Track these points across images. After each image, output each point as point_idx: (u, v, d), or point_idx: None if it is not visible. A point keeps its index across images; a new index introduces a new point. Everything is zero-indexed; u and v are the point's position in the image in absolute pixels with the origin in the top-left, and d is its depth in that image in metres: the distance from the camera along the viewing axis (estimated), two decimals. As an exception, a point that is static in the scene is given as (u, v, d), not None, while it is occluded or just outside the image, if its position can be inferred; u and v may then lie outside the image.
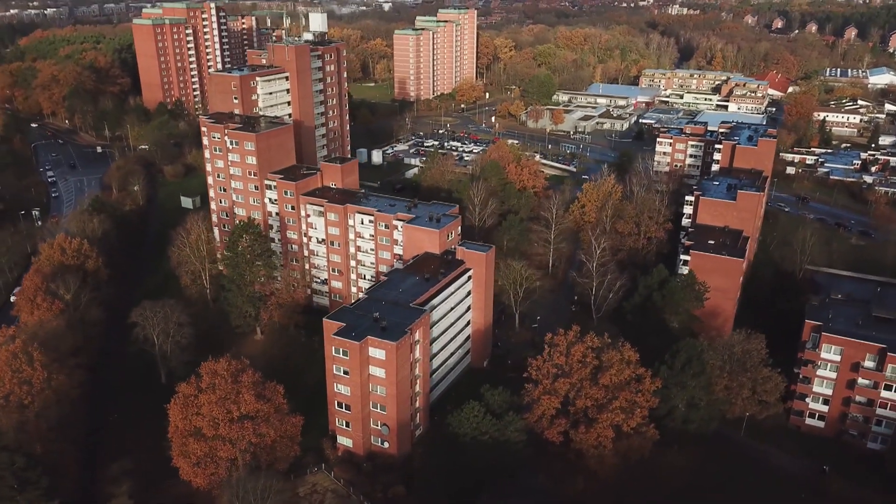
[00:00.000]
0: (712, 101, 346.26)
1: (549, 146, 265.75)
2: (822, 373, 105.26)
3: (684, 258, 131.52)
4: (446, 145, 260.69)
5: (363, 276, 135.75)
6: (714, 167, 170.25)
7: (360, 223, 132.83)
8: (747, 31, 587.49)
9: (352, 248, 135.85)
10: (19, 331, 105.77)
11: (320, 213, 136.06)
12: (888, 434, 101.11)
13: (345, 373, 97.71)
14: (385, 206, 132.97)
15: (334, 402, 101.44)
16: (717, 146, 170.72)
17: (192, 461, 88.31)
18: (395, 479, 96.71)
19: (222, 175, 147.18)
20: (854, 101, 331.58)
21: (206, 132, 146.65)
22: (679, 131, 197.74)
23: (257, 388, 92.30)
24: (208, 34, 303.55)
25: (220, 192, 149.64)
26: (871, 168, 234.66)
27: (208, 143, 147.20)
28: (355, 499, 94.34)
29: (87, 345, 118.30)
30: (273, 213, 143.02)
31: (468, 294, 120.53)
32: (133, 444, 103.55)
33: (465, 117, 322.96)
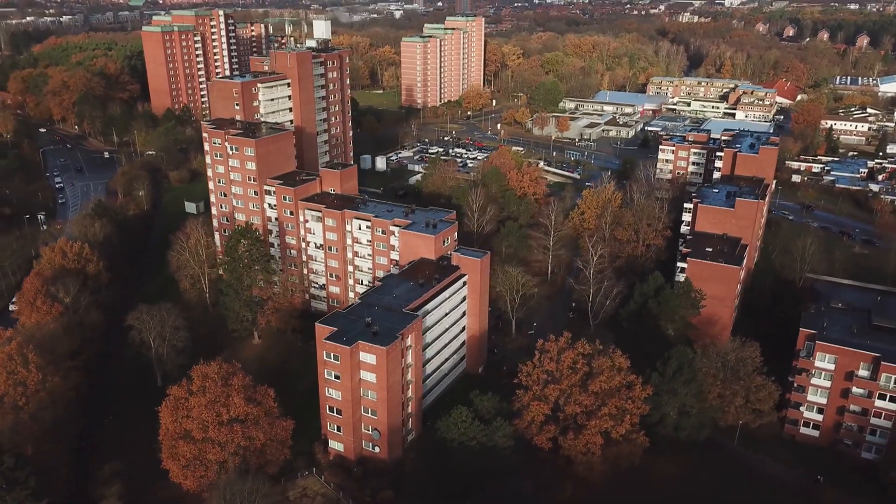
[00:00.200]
0: (719, 108, 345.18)
1: (553, 153, 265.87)
2: (816, 381, 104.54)
3: (681, 265, 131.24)
4: (451, 152, 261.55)
5: (360, 281, 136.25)
6: (716, 175, 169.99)
7: (358, 228, 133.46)
8: (757, 38, 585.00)
9: (349, 254, 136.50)
10: (15, 333, 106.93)
11: (318, 218, 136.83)
12: (882, 444, 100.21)
13: (336, 377, 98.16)
14: (382, 212, 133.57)
15: (326, 407, 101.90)
16: (719, 154, 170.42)
17: (181, 463, 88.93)
18: (384, 484, 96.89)
19: (223, 180, 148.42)
20: (863, 110, 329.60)
21: (208, 138, 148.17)
22: (682, 139, 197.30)
23: (247, 391, 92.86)
24: (216, 41, 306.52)
25: (221, 197, 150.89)
26: (878, 177, 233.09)
27: (209, 149, 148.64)
28: (344, 503, 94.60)
29: (84, 347, 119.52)
30: (272, 219, 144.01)
31: (463, 300, 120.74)
32: (126, 447, 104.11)
33: (471, 124, 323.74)
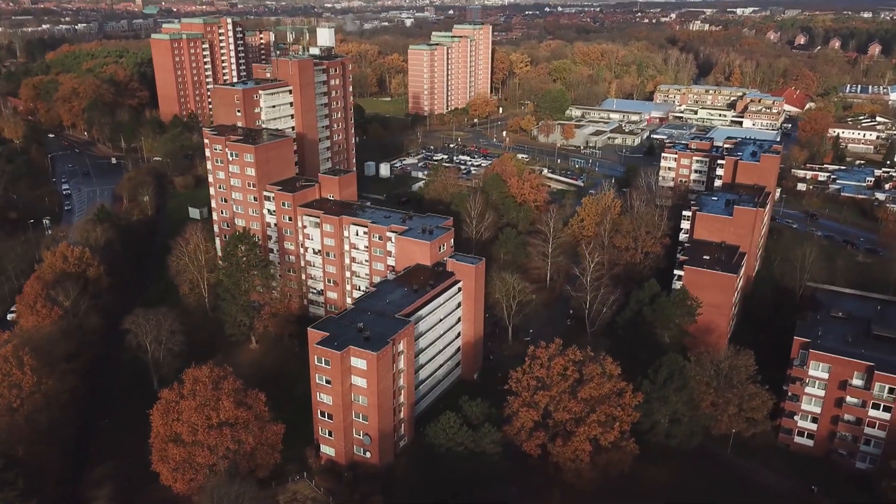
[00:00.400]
0: (727, 116, 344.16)
1: (558, 161, 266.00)
2: (810, 390, 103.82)
3: (678, 273, 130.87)
4: (455, 159, 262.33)
5: (357, 286, 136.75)
6: (717, 183, 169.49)
7: (355, 234, 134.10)
8: (767, 47, 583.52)
9: (347, 259, 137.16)
10: (12, 335, 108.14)
11: (316, 224, 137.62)
12: (876, 454, 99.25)
13: (327, 382, 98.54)
14: (379, 218, 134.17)
15: (318, 411, 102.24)
16: (720, 162, 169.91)
17: (170, 466, 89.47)
18: (374, 489, 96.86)
19: (223, 186, 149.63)
20: (872, 118, 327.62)
21: (208, 144, 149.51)
22: (684, 146, 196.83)
23: (238, 395, 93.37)
24: (224, 49, 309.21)
25: (222, 202, 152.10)
26: (885, 185, 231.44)
27: (210, 155, 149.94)
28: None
29: (82, 351, 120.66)
30: (271, 224, 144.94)
31: (458, 306, 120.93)
32: (120, 449, 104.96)
33: (476, 132, 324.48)
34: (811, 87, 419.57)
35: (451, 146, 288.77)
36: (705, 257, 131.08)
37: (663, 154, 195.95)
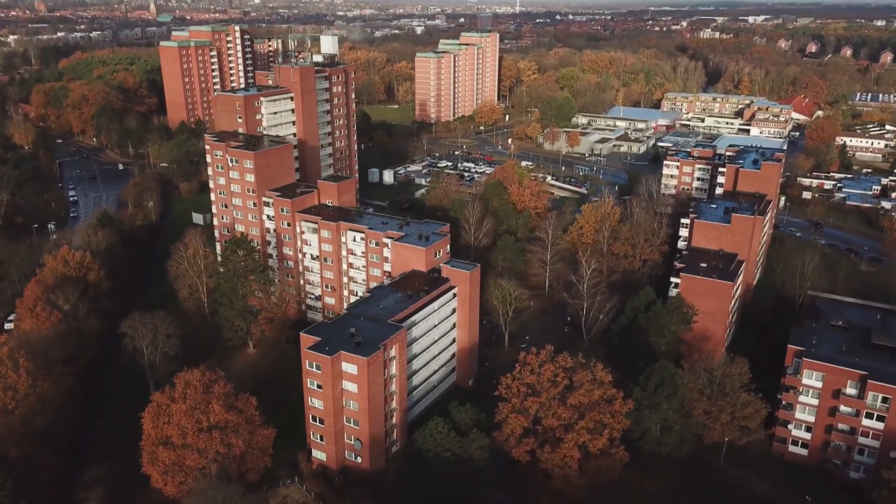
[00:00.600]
0: (734, 124, 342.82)
1: (562, 168, 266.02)
2: (804, 399, 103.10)
3: (675, 281, 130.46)
4: (460, 166, 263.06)
5: (355, 292, 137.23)
6: (718, 190, 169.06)
7: (353, 240, 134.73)
8: (778, 55, 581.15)
9: (344, 265, 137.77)
10: (9, 338, 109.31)
11: (314, 229, 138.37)
12: (870, 464, 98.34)
13: (318, 386, 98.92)
14: (377, 224, 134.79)
15: (309, 416, 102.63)
16: (722, 169, 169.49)
17: (160, 469, 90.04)
18: (364, 494, 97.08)
19: (224, 192, 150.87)
20: (881, 126, 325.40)
21: (209, 150, 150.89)
22: (687, 154, 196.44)
23: (228, 399, 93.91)
24: (232, 56, 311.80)
25: (223, 208, 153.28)
26: (892, 194, 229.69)
27: (211, 161, 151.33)
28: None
29: (80, 354, 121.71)
30: (270, 230, 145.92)
31: (453, 312, 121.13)
32: (114, 452, 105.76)
33: (482, 139, 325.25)
34: (821, 96, 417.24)
35: (456, 153, 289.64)
36: (702, 265, 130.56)
37: (665, 162, 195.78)
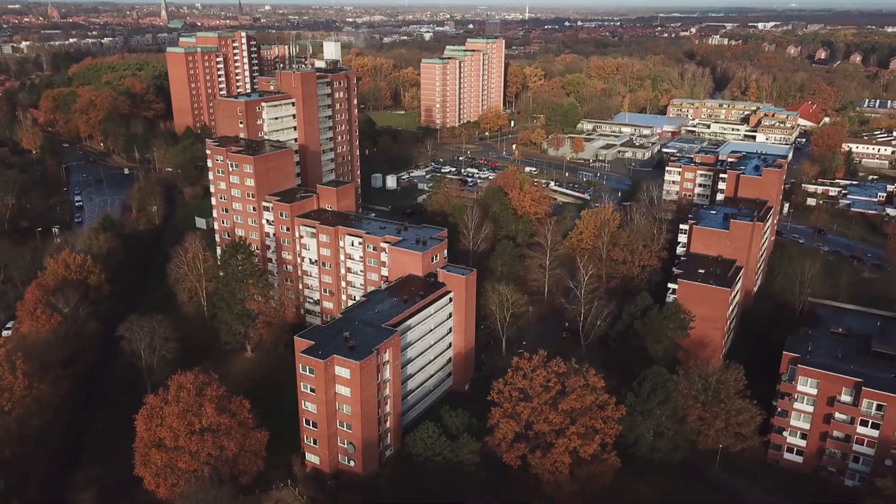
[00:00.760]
0: (740, 131, 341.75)
1: (566, 174, 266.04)
2: (799, 406, 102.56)
3: (672, 286, 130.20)
4: (463, 171, 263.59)
5: (353, 296, 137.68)
6: (719, 196, 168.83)
7: (351, 245, 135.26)
8: (786, 61, 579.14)
9: (342, 269, 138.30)
10: (7, 340, 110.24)
11: (313, 234, 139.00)
12: (865, 471, 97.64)
13: (312, 390, 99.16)
14: (375, 229, 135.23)
15: (303, 420, 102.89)
16: (723, 175, 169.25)
17: (152, 471, 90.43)
18: (357, 498, 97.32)
19: (225, 196, 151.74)
20: (889, 133, 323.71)
21: (211, 155, 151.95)
22: (689, 160, 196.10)
23: (221, 401, 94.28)
24: (238, 62, 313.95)
25: (223, 212, 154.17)
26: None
27: (212, 165, 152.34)
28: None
29: (79, 356, 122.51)
30: (270, 234, 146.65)
31: (449, 316, 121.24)
32: (109, 454, 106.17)
33: (487, 144, 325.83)
34: (828, 102, 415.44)
35: (460, 159, 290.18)
36: (700, 271, 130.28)
37: (667, 167, 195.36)
